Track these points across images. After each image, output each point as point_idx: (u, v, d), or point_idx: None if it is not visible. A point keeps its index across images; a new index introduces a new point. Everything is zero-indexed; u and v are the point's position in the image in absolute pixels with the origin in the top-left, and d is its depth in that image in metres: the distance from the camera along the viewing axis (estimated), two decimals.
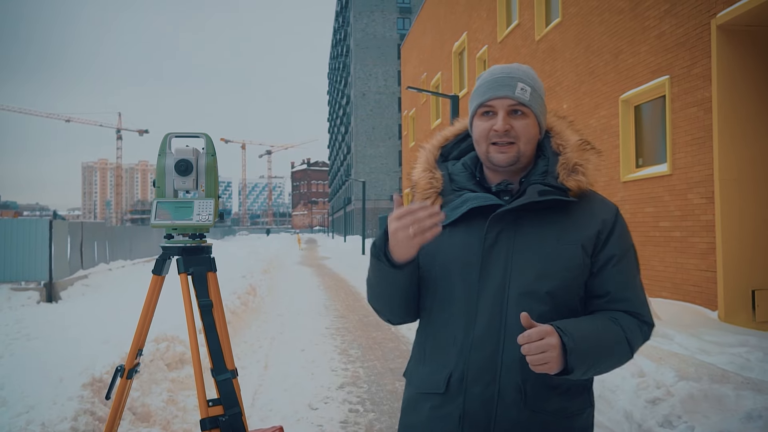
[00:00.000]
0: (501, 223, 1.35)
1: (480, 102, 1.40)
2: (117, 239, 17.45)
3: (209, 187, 2.28)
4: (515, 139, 1.36)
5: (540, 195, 1.32)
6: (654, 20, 8.17)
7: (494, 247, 1.34)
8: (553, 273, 1.32)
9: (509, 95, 1.36)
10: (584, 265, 1.34)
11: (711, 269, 7.08)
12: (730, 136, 6.86)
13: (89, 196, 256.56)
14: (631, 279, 1.37)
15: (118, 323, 6.31)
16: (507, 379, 1.30)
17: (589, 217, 1.37)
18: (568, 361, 1.20)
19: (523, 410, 1.30)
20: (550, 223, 1.35)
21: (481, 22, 16.16)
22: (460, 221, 1.38)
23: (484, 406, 1.31)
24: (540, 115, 1.41)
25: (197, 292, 2.20)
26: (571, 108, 10.79)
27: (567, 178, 1.37)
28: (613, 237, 1.37)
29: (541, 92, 1.42)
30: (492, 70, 1.42)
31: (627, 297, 1.35)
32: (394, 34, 60.42)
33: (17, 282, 11.35)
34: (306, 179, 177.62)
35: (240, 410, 2.11)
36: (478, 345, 1.32)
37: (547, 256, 1.32)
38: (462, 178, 1.45)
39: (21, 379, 4.06)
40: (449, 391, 1.35)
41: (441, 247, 1.39)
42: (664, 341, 4.92)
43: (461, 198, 1.39)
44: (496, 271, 1.33)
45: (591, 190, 1.40)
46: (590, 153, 1.40)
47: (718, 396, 3.15)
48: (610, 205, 1.41)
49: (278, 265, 21.06)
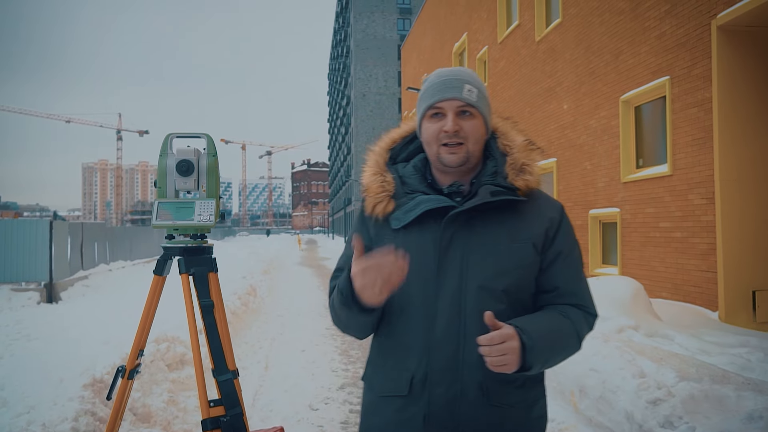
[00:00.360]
0: (455, 225, 1.38)
1: (429, 104, 1.42)
2: (117, 240, 17.45)
3: (210, 187, 2.28)
4: (464, 139, 1.39)
5: (492, 195, 1.37)
6: (654, 21, 8.17)
7: (449, 249, 1.37)
8: (507, 271, 1.36)
9: (457, 96, 1.39)
10: (535, 262, 1.39)
11: (711, 270, 7.08)
12: (731, 137, 6.86)
13: (89, 196, 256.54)
14: (577, 274, 1.44)
15: (119, 324, 6.31)
16: (469, 377, 1.34)
17: (538, 215, 1.41)
18: (527, 359, 1.25)
19: (486, 406, 1.34)
20: (502, 222, 1.39)
21: (481, 23, 16.16)
22: (413, 224, 1.40)
23: (447, 406, 1.34)
24: (487, 115, 1.45)
25: (198, 292, 2.20)
26: (571, 109, 10.79)
27: (516, 178, 1.41)
28: (560, 234, 1.42)
29: (486, 94, 1.46)
30: (438, 73, 1.46)
31: (574, 291, 1.42)
32: (394, 34, 60.44)
33: (17, 282, 11.33)
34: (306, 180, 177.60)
35: (241, 411, 2.11)
36: (439, 346, 1.35)
37: (501, 254, 1.36)
38: (413, 181, 1.47)
39: (21, 379, 4.06)
40: (412, 392, 1.37)
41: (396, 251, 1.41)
42: (665, 342, 4.92)
43: (414, 201, 1.41)
44: (453, 271, 1.36)
45: (538, 189, 1.45)
46: (536, 153, 1.46)
47: (719, 396, 3.14)
48: (555, 204, 1.47)
49: (278, 266, 21.05)
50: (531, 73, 12.67)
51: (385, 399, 1.42)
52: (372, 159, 1.53)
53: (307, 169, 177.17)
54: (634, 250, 8.74)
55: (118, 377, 2.25)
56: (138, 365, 2.32)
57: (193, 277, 2.24)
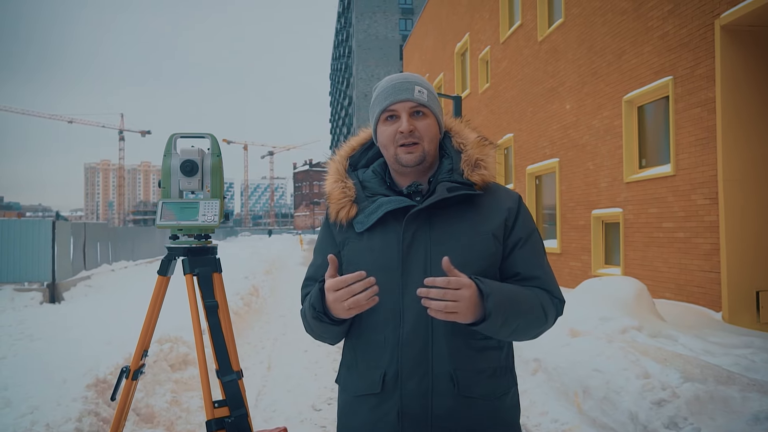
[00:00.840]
0: (416, 223, 1.42)
1: (383, 107, 1.47)
2: (120, 240, 17.47)
3: (214, 187, 2.27)
4: (419, 139, 1.44)
5: (449, 191, 1.40)
6: (657, 21, 8.15)
7: (412, 246, 1.40)
8: (470, 263, 1.38)
9: (409, 98, 1.44)
10: (497, 252, 1.43)
11: (715, 270, 7.06)
12: (734, 137, 6.84)
13: (92, 197, 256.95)
14: (537, 259, 1.47)
15: (121, 324, 6.31)
16: (439, 369, 1.37)
17: (496, 207, 1.46)
18: (486, 305, 1.26)
19: (457, 397, 1.38)
20: (462, 217, 1.43)
21: (483, 23, 16.14)
22: (376, 226, 1.44)
23: (420, 400, 1.38)
24: (438, 115, 1.51)
25: (203, 293, 2.19)
26: (573, 109, 10.77)
27: (471, 174, 1.46)
28: (518, 222, 1.46)
29: (435, 94, 1.52)
30: (388, 79, 1.51)
31: (536, 275, 1.45)
32: (396, 35, 60.43)
33: (20, 283, 11.35)
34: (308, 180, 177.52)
35: (246, 411, 2.10)
36: (409, 341, 1.38)
37: (463, 247, 1.40)
38: (374, 184, 1.51)
39: (25, 379, 4.06)
40: (385, 389, 1.40)
41: (361, 254, 1.45)
42: (668, 342, 4.90)
43: (375, 203, 1.45)
44: (417, 268, 1.39)
45: (494, 182, 1.50)
46: (489, 148, 1.50)
47: (724, 398, 3.13)
48: (512, 194, 1.51)
49: (280, 266, 21.04)
50: (533, 73, 12.66)
51: (359, 398, 1.46)
52: (333, 167, 1.57)
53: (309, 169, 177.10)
54: (637, 251, 8.72)
55: (122, 378, 2.25)
56: (142, 366, 2.31)
57: (197, 278, 2.24)
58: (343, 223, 1.49)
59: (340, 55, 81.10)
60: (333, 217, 1.51)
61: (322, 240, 1.58)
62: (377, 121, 1.50)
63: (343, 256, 1.50)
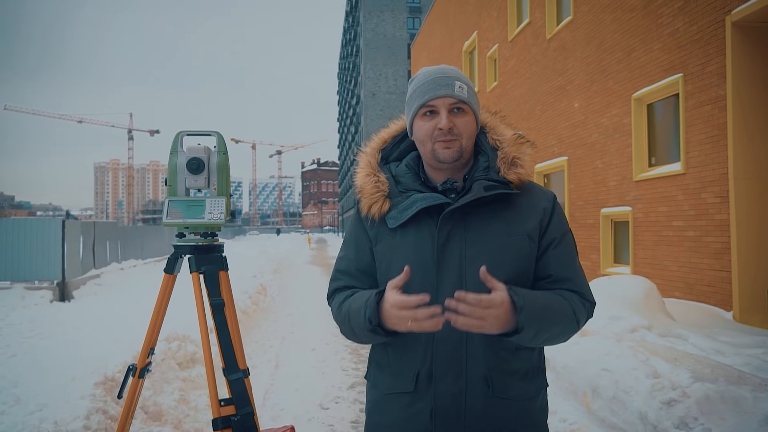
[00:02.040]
0: (451, 221, 1.40)
1: (422, 102, 1.43)
2: (129, 239, 17.55)
3: (221, 185, 2.27)
4: (458, 136, 1.41)
5: (486, 190, 1.38)
6: (667, 17, 8.08)
7: (447, 245, 1.39)
8: (505, 263, 1.37)
9: (450, 94, 1.41)
10: (532, 253, 1.41)
11: (725, 269, 7.00)
12: (746, 135, 6.77)
13: (101, 196, 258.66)
14: (570, 260, 1.45)
15: (130, 322, 6.34)
16: (473, 370, 1.37)
17: (532, 207, 1.44)
18: (519, 319, 1.25)
19: (491, 398, 1.36)
20: (497, 216, 1.41)
21: (491, 21, 16.08)
22: (409, 223, 1.42)
23: (453, 399, 1.36)
24: (477, 111, 1.47)
25: (209, 291, 2.18)
26: (582, 107, 10.71)
27: (508, 172, 1.43)
28: (552, 222, 1.45)
29: (474, 90, 1.48)
30: (426, 72, 1.47)
31: (568, 277, 1.43)
32: (404, 33, 60.36)
33: (30, 281, 11.43)
34: (316, 179, 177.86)
35: (252, 410, 2.09)
36: (443, 341, 1.37)
37: (498, 247, 1.38)
38: (407, 180, 1.48)
39: (34, 377, 4.09)
40: (418, 388, 1.39)
41: (395, 251, 1.43)
42: (679, 342, 4.86)
43: (409, 199, 1.43)
44: (452, 267, 1.38)
45: (530, 180, 1.47)
46: (526, 146, 1.48)
47: (735, 398, 3.10)
48: (548, 194, 1.49)
49: (288, 265, 21.09)
50: (542, 71, 12.59)
51: (390, 396, 1.44)
52: (364, 160, 1.55)
53: (317, 168, 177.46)
54: (647, 249, 8.66)
55: (129, 376, 2.25)
56: (149, 364, 2.31)
57: (203, 276, 2.23)
58: (375, 218, 1.47)
59: (348, 54, 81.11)
60: (365, 211, 1.49)
61: (353, 233, 1.55)
62: (414, 115, 1.46)
63: (376, 252, 1.47)
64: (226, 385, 2.12)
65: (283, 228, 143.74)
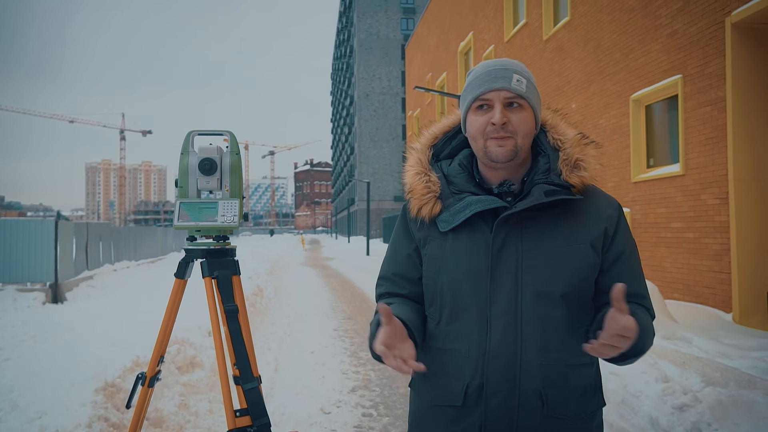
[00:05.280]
0: (507, 227, 1.30)
1: (475, 95, 1.33)
2: (122, 240, 17.39)
3: (234, 186, 2.19)
4: (513, 133, 1.30)
5: (547, 195, 1.28)
6: (666, 18, 8.08)
7: (502, 252, 1.29)
8: (565, 274, 1.28)
9: (506, 87, 1.31)
10: (595, 263, 1.31)
11: (725, 271, 6.99)
12: (745, 136, 6.77)
13: (93, 196, 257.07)
14: (639, 274, 1.37)
15: (126, 325, 6.25)
16: (527, 386, 1.28)
17: (595, 214, 1.34)
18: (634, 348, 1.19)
19: (545, 417, 1.27)
20: (557, 222, 1.31)
21: (487, 22, 16.07)
22: (462, 226, 1.33)
23: (504, 416, 1.28)
24: (536, 107, 1.37)
25: (222, 296, 2.10)
26: (580, 108, 10.70)
27: (570, 175, 1.33)
28: (620, 233, 1.35)
29: (535, 85, 1.38)
30: (485, 64, 1.37)
31: (639, 292, 1.34)
32: (397, 34, 60.37)
33: (23, 283, 11.27)
34: (309, 180, 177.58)
35: (268, 420, 2.01)
36: (495, 354, 1.28)
37: (558, 256, 1.29)
38: (461, 180, 1.39)
39: (30, 382, 3.99)
40: (467, 403, 1.31)
41: (445, 255, 1.34)
42: (683, 344, 4.83)
43: (463, 202, 1.34)
44: (507, 276, 1.29)
45: (592, 185, 1.38)
46: (590, 147, 1.38)
47: (748, 402, 3.06)
48: (612, 201, 1.39)
49: (283, 266, 20.98)
50: (539, 72, 12.58)
51: (437, 408, 1.36)
52: (414, 157, 1.44)
53: (310, 169, 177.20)
54: (645, 251, 8.65)
55: (138, 384, 2.17)
56: (158, 372, 2.23)
57: (215, 281, 2.15)
58: (425, 220, 1.38)
59: (342, 55, 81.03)
60: (414, 212, 1.39)
61: (398, 236, 1.46)
62: (468, 109, 1.36)
63: (423, 255, 1.39)
64: (238, 394, 2.04)
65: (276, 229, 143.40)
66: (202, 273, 2.18)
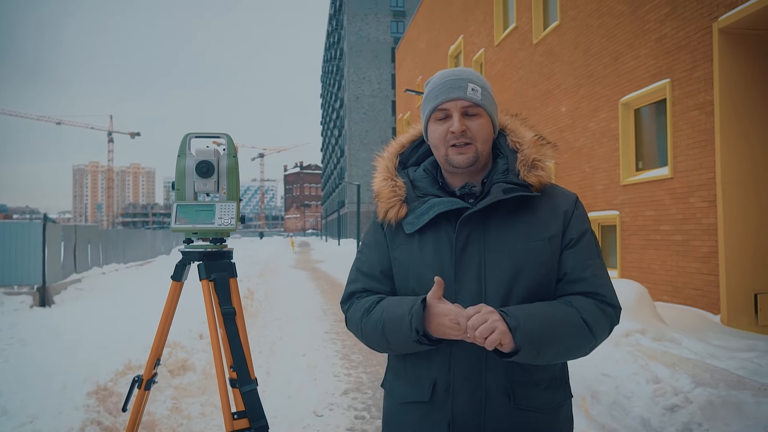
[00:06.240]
0: (469, 226, 1.36)
1: (434, 106, 1.40)
2: (110, 243, 17.27)
3: (231, 189, 2.19)
4: (472, 139, 1.37)
5: (505, 193, 1.34)
6: (654, 23, 8.16)
7: (465, 251, 1.35)
8: (526, 270, 1.33)
9: (462, 96, 1.37)
10: (553, 258, 1.36)
11: (713, 273, 7.07)
12: (733, 140, 6.85)
13: (80, 199, 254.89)
14: (587, 260, 1.37)
15: (115, 328, 6.20)
16: (493, 381, 1.32)
17: (553, 210, 1.39)
18: (515, 340, 1.21)
19: (512, 410, 1.32)
20: (517, 220, 1.37)
21: (477, 25, 16.15)
22: (427, 228, 1.38)
23: (472, 411, 1.32)
24: (493, 114, 1.43)
25: (219, 299, 2.11)
26: (569, 111, 10.78)
27: (528, 174, 1.39)
28: (571, 223, 1.40)
29: (490, 91, 1.44)
30: (441, 74, 1.44)
31: (583, 277, 1.36)
32: (387, 37, 60.47)
33: (10, 286, 11.16)
34: (299, 182, 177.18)
35: (266, 422, 2.02)
36: (462, 350, 1.33)
37: (518, 253, 1.34)
38: (425, 184, 1.45)
39: (20, 386, 3.95)
40: (435, 399, 1.35)
41: (413, 256, 1.39)
42: (673, 346, 4.88)
43: (426, 204, 1.40)
44: (471, 274, 1.34)
45: (551, 183, 1.43)
46: (547, 148, 1.43)
47: (737, 403, 3.10)
48: (570, 196, 1.44)
49: (273, 269, 20.93)
50: (528, 76, 12.66)
51: (406, 406, 1.41)
52: (382, 164, 1.51)
53: (300, 171, 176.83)
54: (634, 253, 8.72)
55: (134, 388, 2.16)
56: (155, 375, 2.23)
57: (212, 284, 2.15)
58: (392, 223, 1.44)
59: (332, 58, 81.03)
60: (381, 216, 1.45)
61: (373, 236, 1.51)
62: (428, 119, 1.44)
63: (393, 258, 1.44)
64: (235, 397, 2.04)
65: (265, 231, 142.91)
66: (200, 275, 2.18)
